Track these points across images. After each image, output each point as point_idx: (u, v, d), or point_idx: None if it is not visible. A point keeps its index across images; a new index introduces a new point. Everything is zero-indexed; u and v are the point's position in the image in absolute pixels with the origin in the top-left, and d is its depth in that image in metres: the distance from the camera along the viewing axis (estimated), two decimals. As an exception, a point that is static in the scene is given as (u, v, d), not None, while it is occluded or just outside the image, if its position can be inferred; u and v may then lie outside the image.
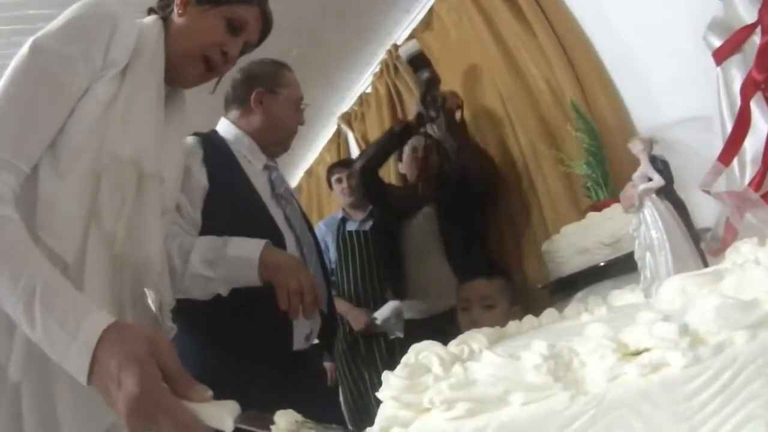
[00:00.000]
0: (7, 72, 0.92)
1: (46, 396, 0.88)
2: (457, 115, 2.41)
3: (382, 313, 2.80)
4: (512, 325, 0.91)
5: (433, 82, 2.41)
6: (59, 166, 0.93)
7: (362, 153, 2.97)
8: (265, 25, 1.22)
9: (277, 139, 1.76)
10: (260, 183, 1.65)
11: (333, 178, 3.17)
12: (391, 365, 0.58)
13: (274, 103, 1.74)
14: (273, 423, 0.60)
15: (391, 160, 2.74)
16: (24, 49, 0.93)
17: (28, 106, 0.91)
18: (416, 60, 2.48)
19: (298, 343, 1.53)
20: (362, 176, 2.61)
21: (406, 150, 2.56)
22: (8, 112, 0.90)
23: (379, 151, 2.60)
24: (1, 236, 0.81)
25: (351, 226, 3.06)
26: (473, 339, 0.76)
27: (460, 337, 0.79)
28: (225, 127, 1.73)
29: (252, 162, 1.67)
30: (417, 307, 2.46)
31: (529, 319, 0.93)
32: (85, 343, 0.72)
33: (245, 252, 1.34)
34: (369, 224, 3.03)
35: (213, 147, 1.60)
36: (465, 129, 2.44)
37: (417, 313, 2.45)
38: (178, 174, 1.25)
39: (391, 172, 2.99)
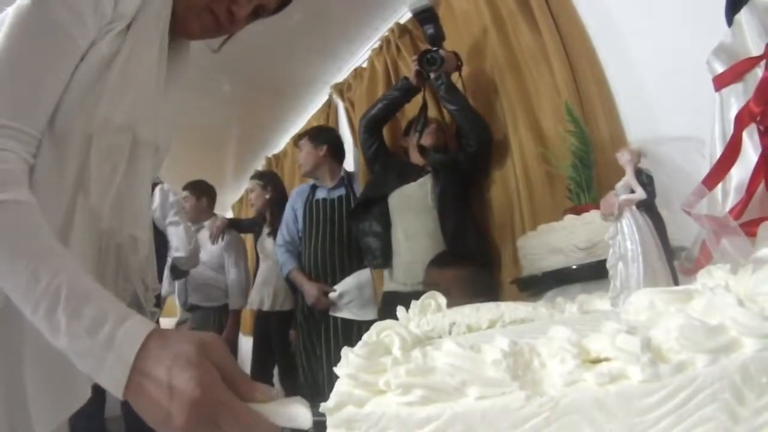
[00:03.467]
0: (5, 26, 0.79)
1: (15, 366, 0.78)
2: (453, 77, 2.38)
3: (342, 287, 2.72)
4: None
5: (435, 39, 2.35)
6: (53, 130, 0.82)
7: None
8: None
9: None
10: None
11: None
12: (348, 343, 0.58)
13: None
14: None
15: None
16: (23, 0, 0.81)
17: (33, 62, 0.80)
18: (423, 14, 2.38)
19: None
20: (364, 129, 2.59)
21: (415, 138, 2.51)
22: (10, 70, 0.78)
23: (382, 105, 2.58)
24: (14, 227, 0.69)
25: (320, 194, 2.95)
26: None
27: (429, 293, 0.85)
28: None
29: None
30: (400, 278, 2.36)
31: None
32: (122, 354, 0.62)
33: None
34: (338, 192, 2.93)
35: None
36: (461, 91, 2.40)
37: (399, 286, 2.35)
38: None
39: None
